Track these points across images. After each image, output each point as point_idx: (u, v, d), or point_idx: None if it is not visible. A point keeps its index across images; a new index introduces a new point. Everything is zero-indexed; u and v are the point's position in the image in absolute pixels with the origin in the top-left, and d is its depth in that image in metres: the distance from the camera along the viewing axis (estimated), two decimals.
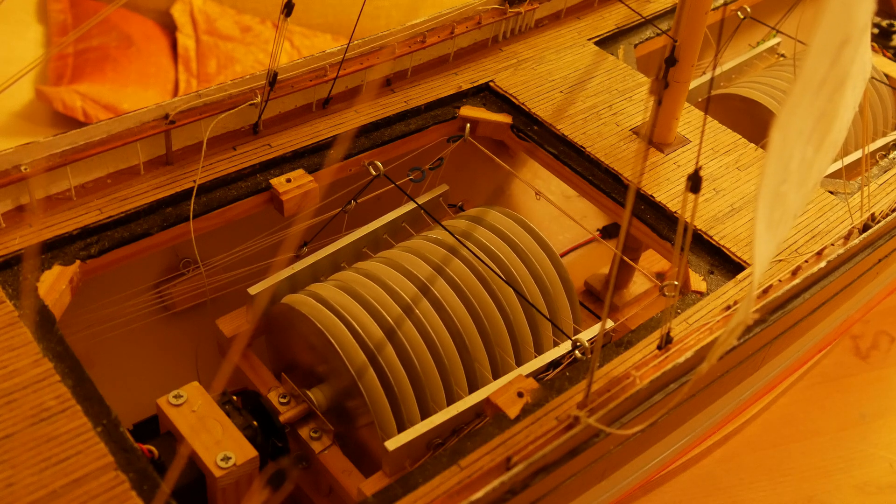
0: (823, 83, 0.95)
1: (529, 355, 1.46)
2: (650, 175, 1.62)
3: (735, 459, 1.85)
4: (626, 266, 1.84)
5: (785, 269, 1.45)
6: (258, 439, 1.28)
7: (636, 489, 1.67)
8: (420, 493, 1.13)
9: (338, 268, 1.55)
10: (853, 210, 1.59)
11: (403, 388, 1.34)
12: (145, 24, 2.73)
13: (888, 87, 2.10)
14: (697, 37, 1.55)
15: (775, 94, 1.98)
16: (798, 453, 1.88)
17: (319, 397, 1.38)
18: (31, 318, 1.24)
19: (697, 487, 1.79)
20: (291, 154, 1.56)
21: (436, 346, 1.38)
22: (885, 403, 1.99)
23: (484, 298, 1.44)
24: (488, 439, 1.19)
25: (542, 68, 1.83)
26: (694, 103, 1.83)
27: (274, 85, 1.55)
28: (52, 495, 1.05)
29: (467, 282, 1.44)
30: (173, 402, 1.23)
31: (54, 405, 1.13)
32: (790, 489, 1.81)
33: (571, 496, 1.32)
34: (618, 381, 1.25)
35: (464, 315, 1.41)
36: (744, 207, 1.58)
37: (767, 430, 1.91)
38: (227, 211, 1.49)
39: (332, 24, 2.85)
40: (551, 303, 1.50)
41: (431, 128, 1.69)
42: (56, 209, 1.40)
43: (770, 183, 0.93)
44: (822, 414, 1.96)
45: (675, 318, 1.38)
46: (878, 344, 2.12)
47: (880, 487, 1.83)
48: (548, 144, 1.67)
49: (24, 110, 2.44)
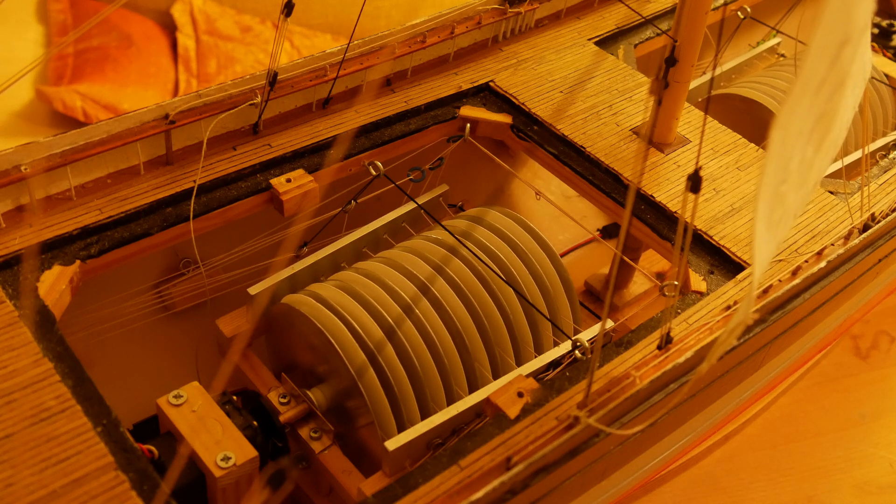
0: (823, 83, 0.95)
1: (529, 355, 1.46)
2: (650, 175, 1.62)
3: (735, 459, 1.85)
4: (626, 266, 1.84)
5: (785, 269, 1.45)
6: (258, 439, 1.28)
7: (636, 489, 1.67)
8: (420, 493, 1.13)
9: (338, 268, 1.55)
10: (853, 210, 1.59)
11: (403, 388, 1.34)
12: (145, 24, 2.73)
13: (888, 87, 2.10)
14: (697, 37, 1.55)
15: (775, 94, 1.98)
16: (798, 453, 1.88)
17: (319, 397, 1.38)
18: (31, 318, 1.24)
19: (697, 487, 1.79)
20: (291, 154, 1.56)
21: (436, 346, 1.38)
22: (885, 403, 1.99)
23: (484, 298, 1.44)
24: (488, 439, 1.19)
25: (542, 68, 1.83)
26: (694, 103, 1.83)
27: (274, 85, 1.55)
28: (52, 495, 1.05)
29: (467, 282, 1.44)
30: (173, 402, 1.23)
31: (54, 405, 1.13)
32: (790, 489, 1.81)
33: (571, 496, 1.32)
34: (618, 381, 1.25)
35: (464, 315, 1.41)
36: (744, 207, 1.58)
37: (767, 430, 1.91)
38: (227, 211, 1.49)
39: (332, 24, 2.85)
40: (551, 303, 1.50)
41: (431, 128, 1.69)
42: (56, 209, 1.40)
43: (770, 183, 0.93)
44: (822, 414, 1.96)
45: (675, 318, 1.38)
46: (878, 344, 2.12)
47: (880, 487, 1.83)
48: (548, 144, 1.67)
49: (24, 110, 2.44)
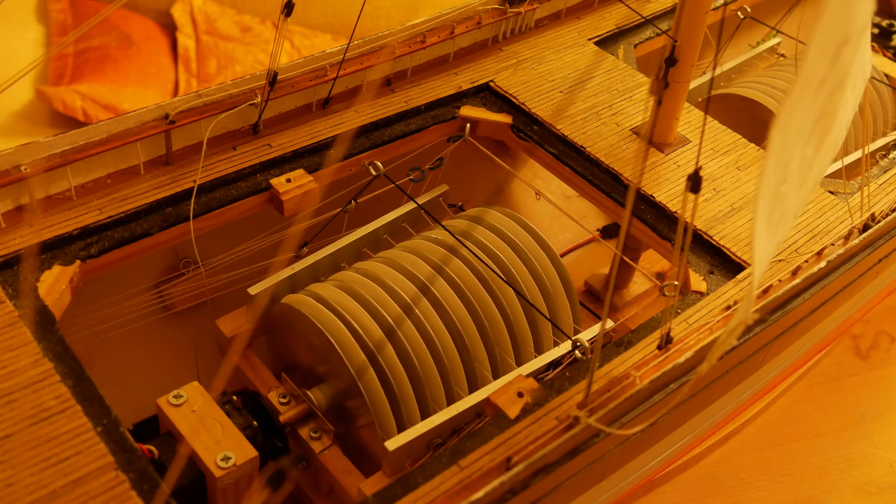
0: (823, 83, 0.95)
1: (529, 355, 1.46)
2: (650, 175, 1.62)
3: (735, 459, 1.85)
4: (626, 266, 1.84)
5: (785, 269, 1.45)
6: (258, 439, 1.28)
7: (636, 489, 1.67)
8: (420, 493, 1.13)
9: (338, 268, 1.55)
10: (853, 210, 1.59)
11: (403, 388, 1.34)
12: (145, 24, 2.73)
13: (888, 87, 2.10)
14: (697, 37, 1.55)
15: (775, 94, 1.98)
16: (798, 453, 1.88)
17: (319, 397, 1.38)
18: (31, 318, 1.24)
19: (697, 487, 1.79)
20: (291, 154, 1.56)
21: (436, 346, 1.38)
22: (885, 403, 1.99)
23: (484, 298, 1.44)
24: (488, 439, 1.19)
25: (542, 68, 1.83)
26: (694, 103, 1.83)
27: (274, 85, 1.55)
28: (52, 495, 1.05)
29: (467, 282, 1.44)
30: (173, 402, 1.23)
31: (54, 405, 1.13)
32: (790, 489, 1.81)
33: (571, 496, 1.32)
34: (618, 381, 1.25)
35: (464, 315, 1.41)
36: (744, 207, 1.58)
37: (767, 430, 1.91)
38: (227, 211, 1.49)
39: (332, 24, 2.85)
40: (551, 303, 1.49)
41: (431, 128, 1.69)
42: (56, 209, 1.40)
43: (770, 183, 0.93)
44: (822, 414, 1.96)
45: (675, 318, 1.38)
46: (878, 344, 2.12)
47: (880, 487, 1.83)
48: (548, 144, 1.67)
49: (24, 110, 2.44)
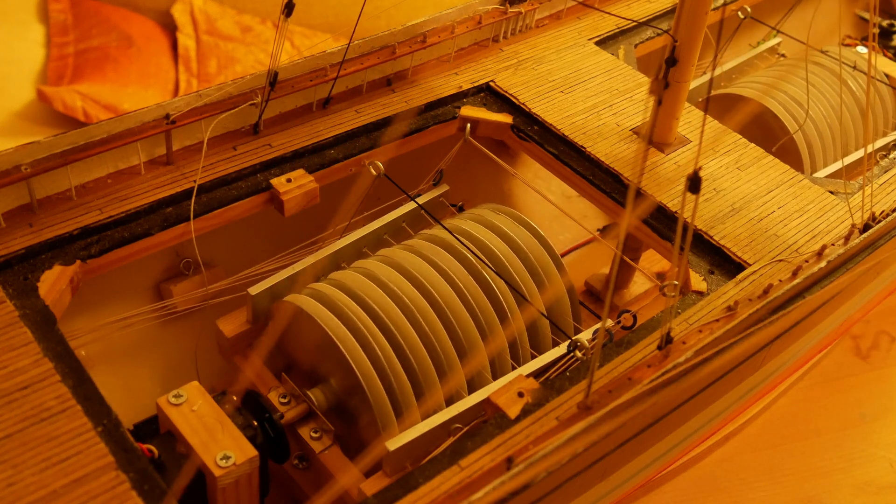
0: None
1: (529, 355, 1.46)
2: (650, 175, 1.62)
3: (735, 459, 1.85)
4: (627, 266, 1.84)
5: (785, 269, 1.45)
6: (258, 439, 1.28)
7: (636, 489, 1.67)
8: (420, 493, 1.13)
9: (338, 268, 1.55)
10: (854, 210, 1.59)
11: (403, 388, 1.34)
12: (145, 24, 2.73)
13: (888, 87, 2.10)
14: (697, 37, 1.55)
15: (775, 94, 1.98)
16: (798, 453, 1.88)
17: (320, 397, 1.38)
18: (32, 318, 1.24)
19: (697, 488, 1.79)
20: (291, 154, 1.56)
21: (435, 346, 1.38)
22: (885, 403, 1.99)
23: (484, 298, 1.44)
24: (488, 439, 1.19)
25: (543, 68, 1.83)
26: (694, 103, 1.83)
27: (274, 85, 1.55)
28: (52, 495, 1.05)
29: (467, 281, 1.44)
30: (173, 401, 1.23)
31: (55, 405, 1.13)
32: (790, 489, 1.81)
33: (571, 496, 1.32)
34: (618, 381, 1.25)
35: (464, 314, 1.41)
36: (744, 207, 1.58)
37: (767, 430, 1.91)
38: (227, 211, 1.49)
39: (332, 24, 2.86)
40: (551, 303, 1.49)
41: (431, 128, 1.69)
42: (56, 209, 1.40)
43: None
44: (822, 414, 1.96)
45: (675, 318, 1.38)
46: (879, 344, 2.12)
47: (880, 487, 1.83)
48: (548, 144, 1.67)
49: (25, 110, 2.44)
